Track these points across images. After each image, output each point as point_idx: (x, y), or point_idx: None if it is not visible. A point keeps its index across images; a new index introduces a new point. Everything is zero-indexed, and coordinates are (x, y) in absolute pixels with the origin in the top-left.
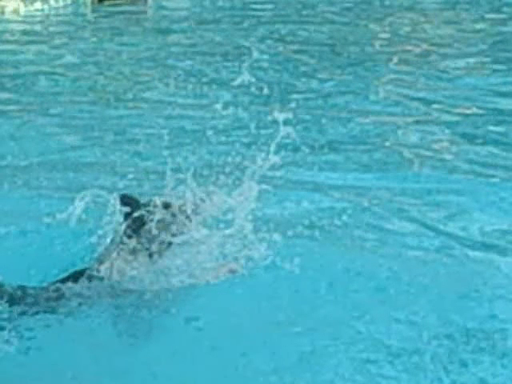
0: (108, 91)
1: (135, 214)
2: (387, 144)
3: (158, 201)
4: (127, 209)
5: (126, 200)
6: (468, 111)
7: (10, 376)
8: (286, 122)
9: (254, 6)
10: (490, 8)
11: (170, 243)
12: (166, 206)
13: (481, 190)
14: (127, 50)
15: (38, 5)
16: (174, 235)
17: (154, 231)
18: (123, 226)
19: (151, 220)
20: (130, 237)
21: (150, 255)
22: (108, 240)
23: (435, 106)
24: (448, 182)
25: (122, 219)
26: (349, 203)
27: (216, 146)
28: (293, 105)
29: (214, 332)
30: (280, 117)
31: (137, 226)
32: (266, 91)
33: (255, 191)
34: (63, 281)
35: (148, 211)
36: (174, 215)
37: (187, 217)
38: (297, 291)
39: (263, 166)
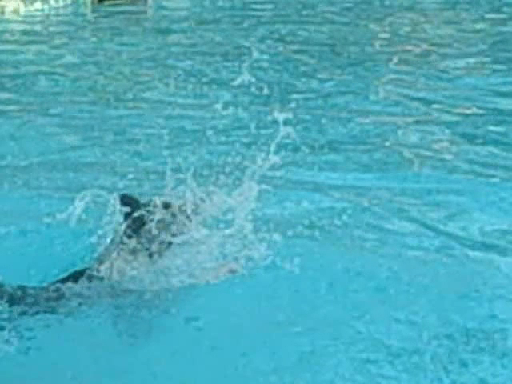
0: (108, 91)
1: (135, 214)
2: (387, 144)
3: (158, 201)
4: (127, 209)
5: (126, 200)
6: (468, 111)
7: (9, 376)
8: (286, 122)
9: (254, 6)
10: (490, 8)
11: (170, 243)
12: (166, 206)
13: (481, 190)
14: (127, 50)
15: (38, 5)
16: (174, 235)
17: (154, 231)
18: (123, 226)
19: (151, 220)
20: (130, 237)
21: (150, 255)
22: (108, 240)
23: (435, 105)
24: (448, 182)
25: (122, 219)
26: (349, 203)
27: (216, 146)
28: (293, 105)
29: (214, 332)
30: (280, 117)
31: (137, 226)
32: (266, 91)
33: (255, 191)
34: (63, 281)
35: (148, 211)
36: (174, 215)
37: (187, 217)
38: (297, 291)
39: (263, 166)
